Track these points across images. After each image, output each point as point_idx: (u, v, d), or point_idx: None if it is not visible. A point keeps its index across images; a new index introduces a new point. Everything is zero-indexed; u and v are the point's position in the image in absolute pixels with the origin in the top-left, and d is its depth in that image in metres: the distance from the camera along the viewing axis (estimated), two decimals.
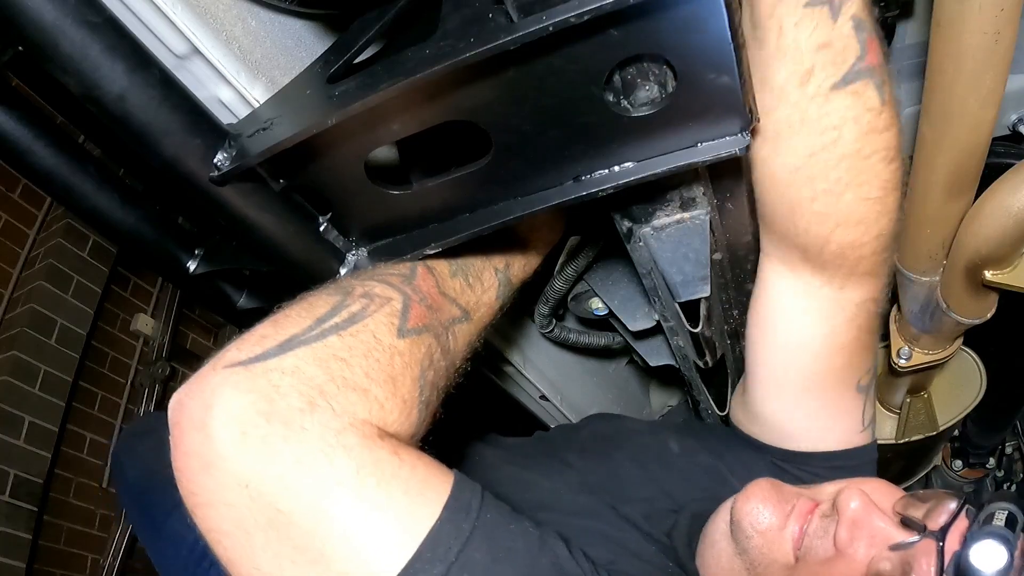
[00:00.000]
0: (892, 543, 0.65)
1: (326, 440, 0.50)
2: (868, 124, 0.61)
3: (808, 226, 0.68)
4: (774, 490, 0.75)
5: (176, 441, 0.51)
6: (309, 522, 0.49)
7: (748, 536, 0.73)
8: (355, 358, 0.54)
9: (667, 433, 1.00)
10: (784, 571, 0.71)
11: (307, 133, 0.56)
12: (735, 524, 0.74)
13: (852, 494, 0.68)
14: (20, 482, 2.59)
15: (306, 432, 0.50)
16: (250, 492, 0.49)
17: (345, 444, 0.50)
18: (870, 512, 0.67)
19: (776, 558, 0.71)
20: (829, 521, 0.70)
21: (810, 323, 0.77)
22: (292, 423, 0.49)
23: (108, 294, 3.09)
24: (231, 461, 0.48)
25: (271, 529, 0.49)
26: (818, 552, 0.69)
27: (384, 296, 0.60)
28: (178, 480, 0.51)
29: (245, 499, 0.49)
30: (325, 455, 0.50)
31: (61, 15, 0.50)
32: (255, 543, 0.50)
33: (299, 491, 0.49)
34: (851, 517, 0.67)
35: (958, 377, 1.44)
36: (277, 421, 0.49)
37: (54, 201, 2.13)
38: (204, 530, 0.51)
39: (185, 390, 0.52)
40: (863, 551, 0.66)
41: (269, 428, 0.49)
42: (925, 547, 0.62)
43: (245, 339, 0.54)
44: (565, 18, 0.45)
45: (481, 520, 0.54)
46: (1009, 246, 0.96)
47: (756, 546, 0.72)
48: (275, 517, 0.49)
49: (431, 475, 0.54)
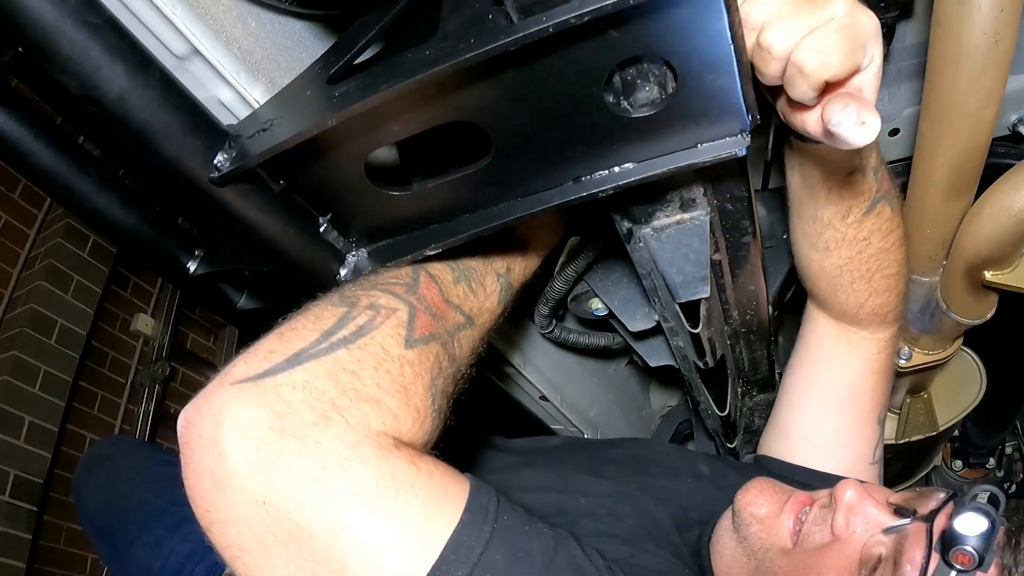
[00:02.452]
0: (885, 527, 0.69)
1: (342, 453, 0.50)
2: (887, 230, 0.82)
3: (847, 298, 0.90)
4: (771, 483, 0.81)
5: (187, 459, 0.51)
6: (329, 536, 0.49)
7: (747, 524, 0.78)
8: (365, 370, 0.54)
9: (698, 457, 1.09)
10: (782, 556, 0.74)
11: (307, 134, 0.56)
12: (736, 514, 0.80)
13: (848, 483, 0.73)
14: (20, 482, 2.59)
15: (321, 446, 0.49)
16: (267, 508, 0.48)
17: (362, 456, 0.50)
18: (864, 500, 0.71)
19: (774, 542, 0.75)
20: (827, 511, 0.74)
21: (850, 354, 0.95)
22: (306, 437, 0.49)
23: (108, 294, 3.09)
24: (246, 478, 0.48)
25: (291, 544, 0.49)
26: (815, 538, 0.73)
27: (389, 307, 0.60)
28: (191, 498, 0.51)
29: (262, 515, 0.49)
30: (342, 468, 0.49)
31: (61, 16, 0.49)
32: (274, 559, 0.50)
33: (317, 505, 0.49)
34: (847, 503, 0.71)
35: (958, 377, 1.44)
36: (291, 436, 0.49)
37: (54, 201, 2.13)
38: (220, 547, 0.51)
39: (193, 407, 0.52)
40: (858, 534, 0.70)
41: (283, 443, 0.49)
42: (916, 529, 0.66)
43: (251, 354, 0.54)
44: (565, 19, 0.45)
45: (499, 522, 0.54)
46: (1009, 246, 0.96)
47: (755, 532, 0.77)
48: (294, 532, 0.49)
49: (448, 482, 0.55)
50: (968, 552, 0.60)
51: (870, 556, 0.67)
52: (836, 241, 0.82)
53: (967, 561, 0.60)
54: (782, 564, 0.73)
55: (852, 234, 0.81)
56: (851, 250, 0.83)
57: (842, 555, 0.69)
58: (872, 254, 0.83)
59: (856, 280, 0.87)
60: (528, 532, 0.57)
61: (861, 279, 0.86)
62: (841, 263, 0.85)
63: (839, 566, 0.68)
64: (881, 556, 0.67)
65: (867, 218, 0.80)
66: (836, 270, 0.86)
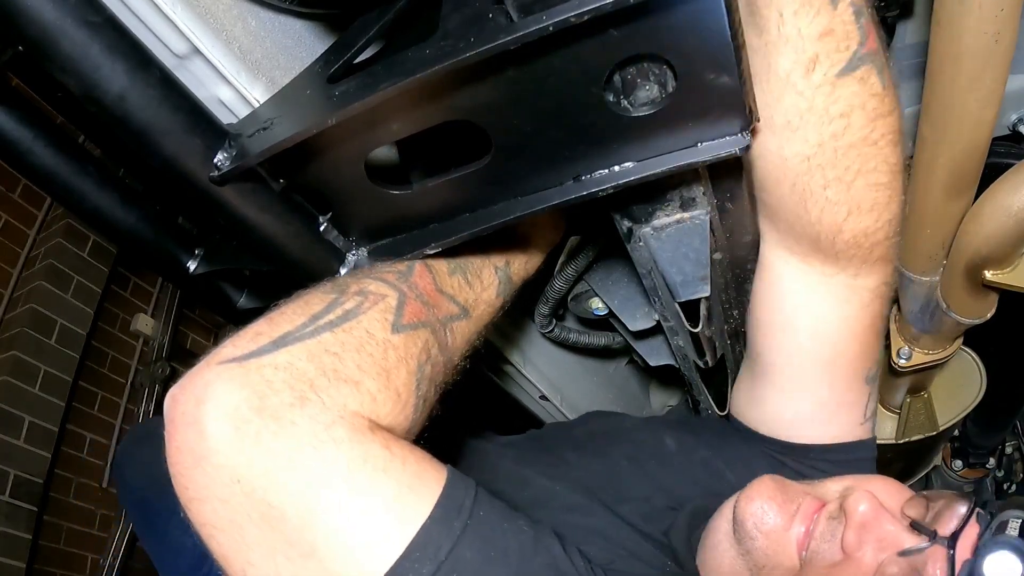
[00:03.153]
0: (901, 549, 0.64)
1: (315, 434, 0.50)
2: (874, 110, 0.61)
3: (821, 215, 0.68)
4: (779, 489, 0.72)
5: (170, 436, 0.51)
6: (300, 517, 0.49)
7: (752, 537, 0.70)
8: (347, 352, 0.54)
9: (663, 430, 0.99)
10: (789, 575, 0.69)
11: (307, 133, 0.56)
12: (738, 524, 0.72)
13: (861, 496, 0.67)
14: (20, 482, 2.59)
15: (296, 427, 0.50)
16: (242, 487, 0.49)
17: (335, 437, 0.50)
18: (879, 516, 0.66)
19: (781, 561, 0.69)
20: (836, 523, 0.68)
21: (826, 312, 0.77)
22: (282, 418, 0.49)
23: (108, 294, 3.09)
24: (223, 456, 0.49)
25: (263, 524, 0.49)
26: (824, 556, 0.67)
27: (379, 293, 0.60)
28: (172, 475, 0.52)
29: (237, 494, 0.49)
30: (314, 449, 0.50)
31: (61, 15, 0.49)
32: (248, 538, 0.50)
33: (289, 486, 0.49)
34: (859, 520, 0.65)
35: (958, 377, 1.44)
36: (268, 416, 0.49)
37: (54, 201, 2.13)
38: (198, 524, 0.52)
39: (179, 386, 0.52)
40: (871, 556, 0.65)
41: (260, 423, 0.49)
42: (935, 553, 0.61)
43: (240, 336, 0.54)
44: (565, 18, 0.45)
45: (474, 518, 0.54)
46: (1009, 246, 0.96)
47: (760, 548, 0.70)
48: (267, 512, 0.49)
49: (423, 470, 0.54)
50: None
51: None
52: (799, 112, 0.61)
53: None
54: None
55: (822, 103, 0.60)
56: (821, 131, 0.61)
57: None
58: (853, 143, 0.62)
59: (831, 184, 0.65)
60: (505, 530, 0.56)
61: (837, 182, 0.65)
62: (809, 152, 0.63)
63: None
64: None
65: (843, 82, 0.59)
66: (802, 163, 0.64)
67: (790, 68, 0.59)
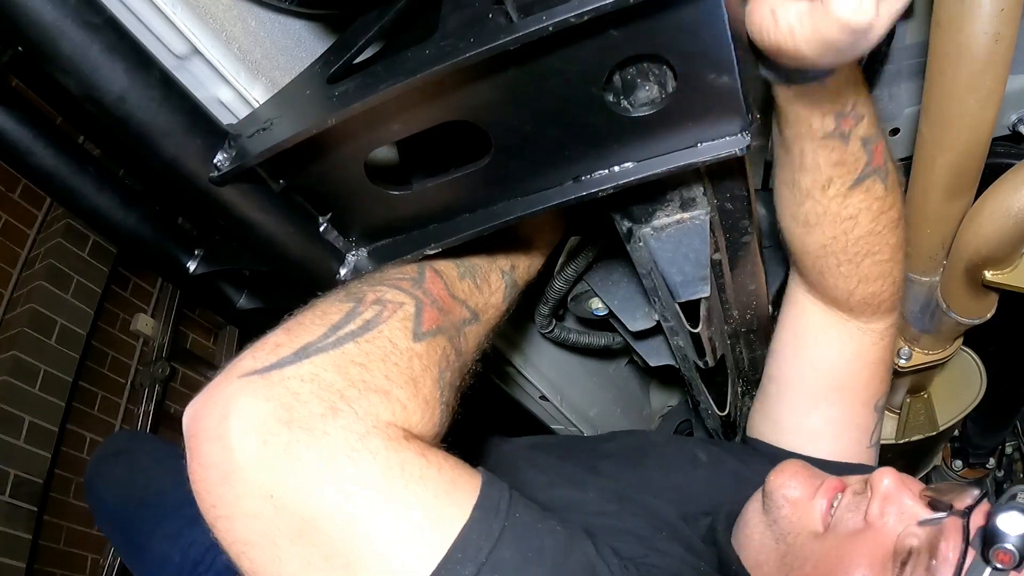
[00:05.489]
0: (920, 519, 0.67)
1: (350, 444, 0.49)
2: (878, 209, 0.75)
3: (836, 283, 0.84)
4: (805, 466, 0.79)
5: (193, 453, 0.50)
6: (337, 529, 0.48)
7: (779, 506, 0.76)
8: (373, 363, 0.54)
9: (694, 444, 1.06)
10: (812, 539, 0.73)
11: (307, 133, 0.56)
12: (767, 496, 0.78)
13: (885, 472, 0.72)
14: (20, 482, 2.59)
15: (329, 437, 0.49)
16: (275, 502, 0.48)
17: (370, 447, 0.50)
18: (901, 490, 0.70)
19: (805, 526, 0.74)
20: (860, 498, 0.73)
21: (840, 344, 0.90)
22: (314, 429, 0.49)
23: (108, 294, 3.09)
24: (253, 471, 0.48)
25: (298, 538, 0.49)
26: (848, 524, 0.71)
27: (396, 301, 0.59)
28: (196, 493, 0.51)
29: (270, 509, 0.48)
30: (350, 459, 0.49)
31: (61, 15, 0.49)
32: (282, 553, 0.49)
33: (325, 498, 0.48)
34: (883, 492, 0.70)
35: (958, 377, 1.44)
36: (298, 428, 0.49)
37: (54, 201, 2.13)
38: (226, 543, 0.50)
39: (200, 401, 0.51)
40: (892, 523, 0.68)
41: (291, 435, 0.48)
42: (952, 524, 0.65)
43: (258, 348, 0.54)
44: (565, 18, 0.45)
45: (511, 520, 0.54)
46: (1009, 246, 0.96)
47: (786, 516, 0.75)
48: (301, 526, 0.48)
49: (459, 476, 0.54)
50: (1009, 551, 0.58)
51: (903, 547, 0.66)
52: (817, 216, 0.76)
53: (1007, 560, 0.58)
54: (812, 549, 0.72)
55: (835, 210, 0.74)
56: (835, 229, 0.76)
57: (875, 544, 0.68)
58: (860, 236, 0.77)
59: (843, 264, 0.80)
60: (540, 530, 0.56)
61: (848, 263, 0.80)
62: (825, 242, 0.78)
63: (871, 554, 0.67)
64: (914, 548, 0.66)
65: (853, 193, 0.73)
66: (820, 249, 0.80)
67: (810, 186, 0.73)
